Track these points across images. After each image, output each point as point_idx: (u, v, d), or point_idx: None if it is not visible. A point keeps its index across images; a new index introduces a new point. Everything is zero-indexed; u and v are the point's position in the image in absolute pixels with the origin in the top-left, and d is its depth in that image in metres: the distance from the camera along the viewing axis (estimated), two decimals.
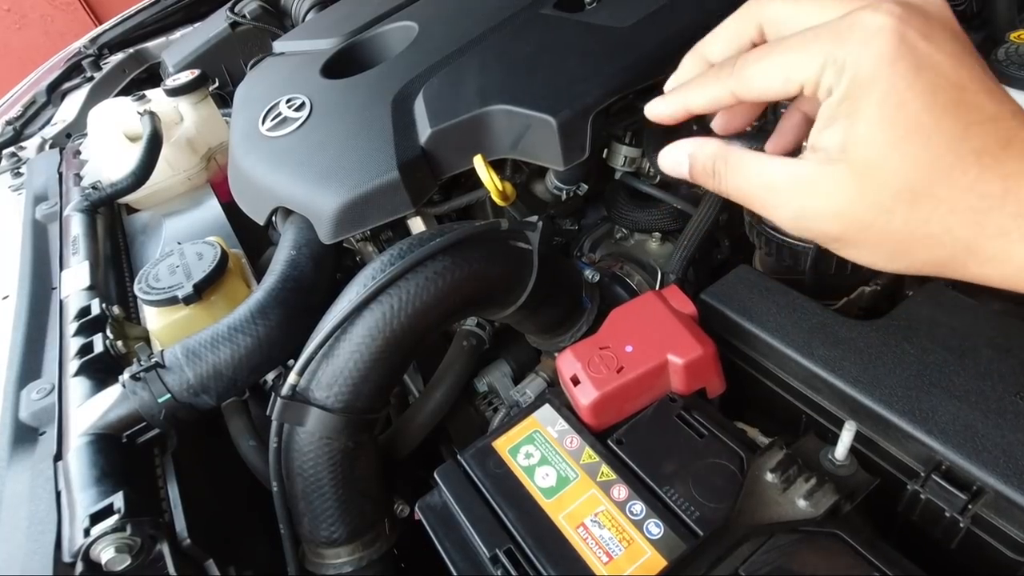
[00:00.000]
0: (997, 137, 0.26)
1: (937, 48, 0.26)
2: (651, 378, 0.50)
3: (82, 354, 0.63)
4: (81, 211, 0.88)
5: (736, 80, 0.31)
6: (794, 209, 0.31)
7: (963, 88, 0.26)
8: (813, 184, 0.30)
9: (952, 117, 0.26)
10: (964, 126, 0.26)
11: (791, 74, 0.29)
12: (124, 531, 0.45)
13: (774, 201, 0.31)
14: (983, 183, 0.26)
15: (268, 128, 0.79)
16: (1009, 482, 0.39)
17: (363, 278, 0.55)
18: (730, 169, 0.33)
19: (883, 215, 0.28)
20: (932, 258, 0.28)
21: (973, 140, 0.26)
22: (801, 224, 0.31)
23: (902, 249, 0.29)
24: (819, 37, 0.28)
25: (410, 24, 0.87)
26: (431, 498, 0.51)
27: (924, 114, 0.26)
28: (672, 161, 0.36)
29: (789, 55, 0.29)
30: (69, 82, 1.47)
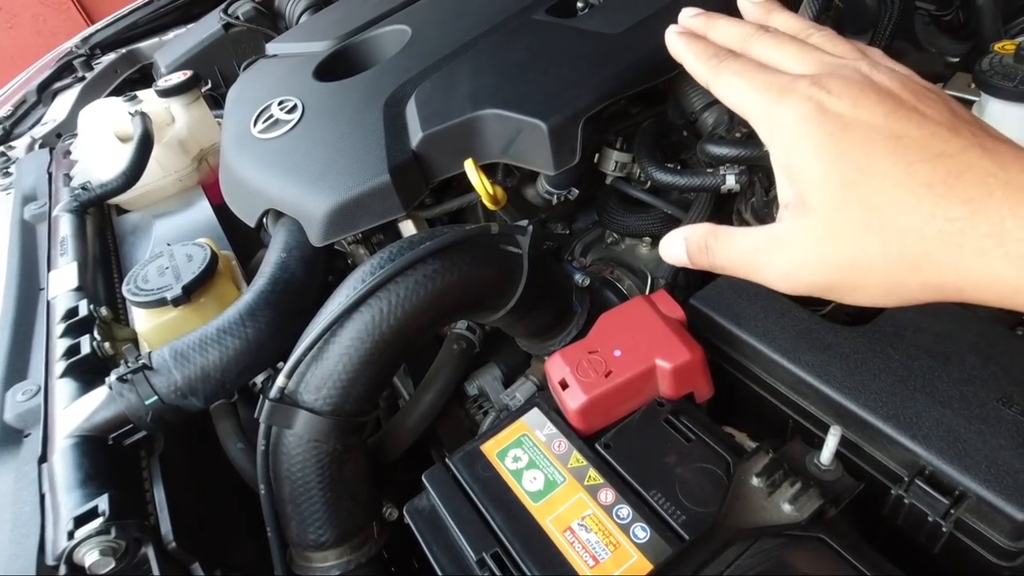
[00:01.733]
0: (947, 170, 0.27)
1: (863, 110, 0.29)
2: (639, 382, 0.50)
3: (69, 355, 0.63)
4: (70, 211, 0.88)
5: (713, 76, 0.35)
6: (780, 268, 0.32)
7: (898, 137, 0.28)
8: (789, 240, 0.31)
9: (891, 159, 0.28)
10: (906, 164, 0.28)
11: (742, 105, 0.33)
12: (109, 534, 0.45)
13: (761, 263, 0.33)
14: (944, 209, 0.27)
15: (260, 130, 0.79)
16: (990, 487, 0.39)
17: (353, 281, 0.55)
18: (720, 243, 0.35)
19: (860, 253, 0.29)
20: (926, 285, 0.28)
21: (920, 175, 0.27)
22: (791, 281, 0.32)
23: (894, 282, 0.29)
24: (764, 93, 0.32)
25: (403, 28, 0.88)
26: (419, 501, 0.51)
27: (861, 160, 0.28)
28: (670, 247, 0.38)
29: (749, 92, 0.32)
30: (60, 82, 1.46)
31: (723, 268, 0.35)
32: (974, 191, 0.26)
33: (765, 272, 0.33)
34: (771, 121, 0.31)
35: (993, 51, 0.53)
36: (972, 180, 0.27)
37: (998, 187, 0.26)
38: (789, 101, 0.30)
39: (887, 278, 0.29)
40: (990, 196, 0.26)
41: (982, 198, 0.26)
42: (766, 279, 0.33)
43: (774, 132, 0.31)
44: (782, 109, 0.31)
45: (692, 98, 0.72)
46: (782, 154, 0.31)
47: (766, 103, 0.31)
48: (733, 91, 0.33)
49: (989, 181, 0.26)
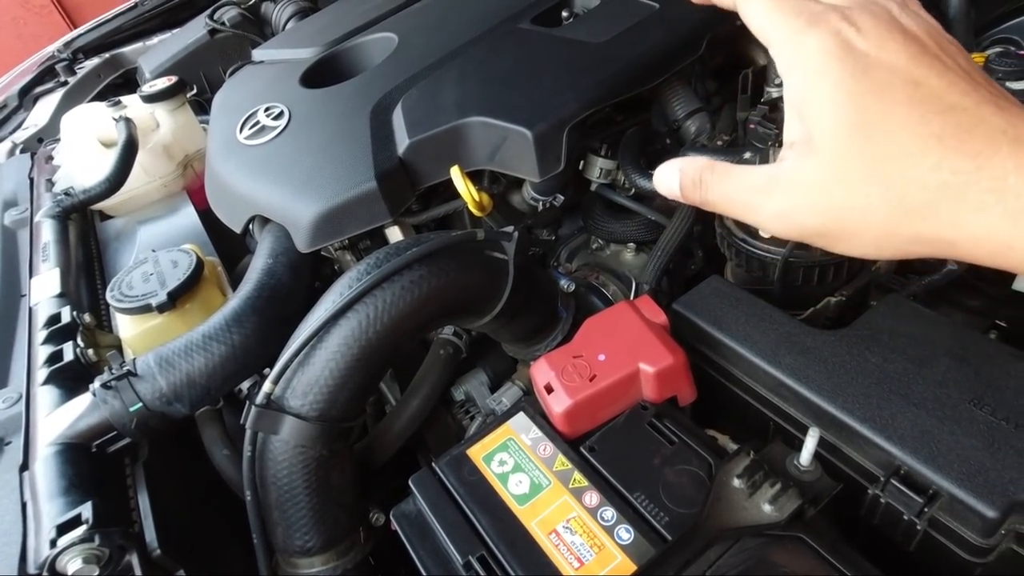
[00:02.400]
0: (959, 123, 0.27)
1: (888, 52, 0.29)
2: (623, 386, 0.51)
3: (51, 362, 0.62)
4: (52, 217, 0.87)
5: None
6: (775, 208, 0.32)
7: (918, 83, 0.28)
8: (789, 181, 0.31)
9: (906, 107, 0.28)
10: (920, 114, 0.28)
11: (765, 29, 0.32)
12: (92, 541, 0.45)
13: (756, 203, 0.33)
14: (951, 161, 0.27)
15: (246, 136, 0.79)
16: (963, 485, 0.40)
17: (339, 287, 0.55)
18: (716, 178, 0.34)
19: (860, 199, 0.29)
20: (919, 238, 0.29)
21: (932, 126, 0.27)
22: (784, 223, 0.32)
23: (888, 232, 0.29)
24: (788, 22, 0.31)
25: (390, 36, 0.88)
26: (406, 506, 0.51)
27: (876, 104, 0.28)
28: (664, 177, 0.37)
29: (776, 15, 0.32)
30: (42, 86, 1.45)
31: (715, 205, 0.35)
32: (982, 146, 0.27)
33: (759, 212, 0.33)
34: (793, 50, 0.31)
35: None
36: (982, 135, 0.27)
37: (1006, 144, 0.26)
38: (815, 32, 0.30)
39: (882, 227, 0.29)
40: (997, 152, 0.26)
41: (990, 154, 0.26)
42: (759, 220, 0.33)
43: (793, 63, 0.31)
44: (807, 40, 0.30)
45: (675, 106, 0.73)
46: (798, 87, 0.31)
47: (792, 31, 0.31)
48: (759, 11, 0.32)
49: (999, 138, 0.26)
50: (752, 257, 0.63)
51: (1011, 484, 0.40)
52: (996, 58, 0.52)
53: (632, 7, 0.74)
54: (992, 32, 0.80)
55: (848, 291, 0.63)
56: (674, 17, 0.71)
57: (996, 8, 0.79)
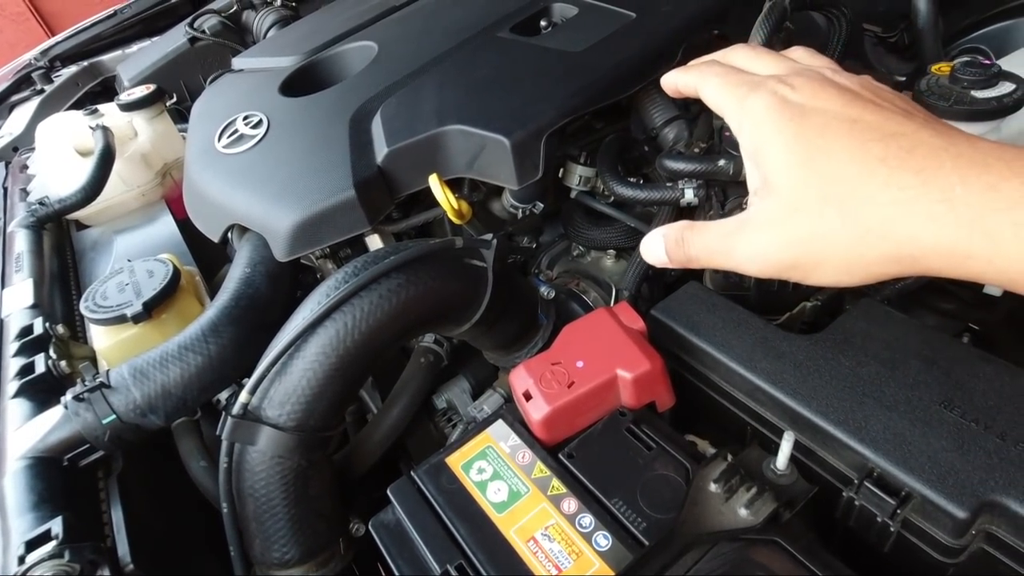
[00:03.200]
0: (899, 146, 0.29)
1: (822, 101, 0.32)
2: (601, 392, 0.51)
3: (22, 375, 0.61)
4: (26, 227, 0.86)
5: (700, 80, 0.39)
6: (747, 250, 0.34)
7: (854, 120, 0.31)
8: (755, 222, 0.34)
9: (847, 138, 0.31)
10: (861, 143, 0.30)
11: (718, 102, 0.37)
12: (62, 557, 0.44)
13: (730, 248, 0.35)
14: (896, 179, 0.29)
15: (224, 145, 0.79)
16: (934, 487, 0.41)
17: (317, 295, 0.55)
18: (695, 234, 0.37)
19: (820, 226, 0.31)
20: (884, 257, 0.30)
21: (873, 151, 0.30)
22: (757, 262, 0.34)
23: (854, 255, 0.31)
24: (735, 91, 0.36)
25: (369, 44, 0.88)
26: (385, 515, 0.51)
27: (818, 140, 0.31)
28: (650, 246, 0.40)
29: (724, 89, 0.37)
30: (18, 94, 1.43)
31: (697, 258, 0.38)
32: (925, 163, 0.28)
33: (734, 256, 0.35)
34: (741, 113, 0.35)
35: (931, 72, 0.56)
36: (923, 154, 0.29)
37: (948, 159, 0.28)
38: (756, 95, 0.34)
39: (847, 251, 0.31)
40: (941, 167, 0.28)
41: (933, 169, 0.28)
42: (736, 263, 0.35)
43: (743, 122, 0.35)
44: (750, 102, 0.34)
45: (653, 114, 0.74)
46: (749, 141, 0.34)
47: (737, 98, 0.35)
48: (713, 91, 0.37)
49: (940, 155, 0.28)
50: None
51: (981, 485, 0.41)
52: (961, 67, 0.53)
53: (609, 17, 0.75)
54: (960, 42, 0.82)
55: (823, 296, 0.64)
56: (651, 26, 0.72)
57: (964, 19, 0.81)
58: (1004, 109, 0.51)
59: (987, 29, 0.81)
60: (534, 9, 0.83)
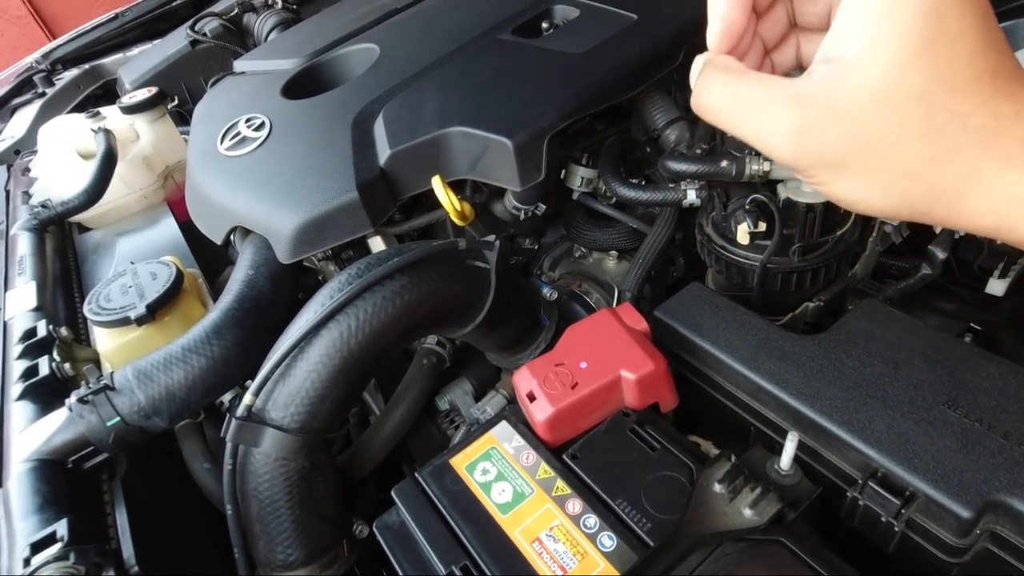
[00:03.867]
0: (1010, 66, 0.26)
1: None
2: (605, 393, 0.51)
3: (26, 377, 0.61)
4: (29, 230, 0.86)
5: None
6: (795, 122, 0.28)
7: (986, 12, 0.26)
8: (823, 94, 0.28)
9: (977, 34, 0.26)
10: (985, 45, 0.26)
11: None
12: (67, 559, 0.44)
13: (770, 115, 0.29)
14: (996, 103, 0.26)
15: (227, 147, 0.79)
16: (937, 487, 0.41)
17: (321, 297, 0.55)
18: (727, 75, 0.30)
19: (897, 128, 0.27)
20: (931, 188, 0.27)
21: (990, 60, 0.26)
22: (802, 139, 0.28)
23: (903, 174, 0.27)
24: None
25: (371, 47, 0.89)
26: (389, 517, 0.51)
27: (954, 23, 0.26)
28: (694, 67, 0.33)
29: None
30: (19, 98, 1.44)
31: (713, 107, 0.30)
32: (1013, 107, 0.26)
33: (770, 126, 0.29)
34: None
35: None
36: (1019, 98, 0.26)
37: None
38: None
39: (905, 164, 0.27)
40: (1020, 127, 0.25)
41: (1011, 121, 0.25)
42: (769, 135, 0.29)
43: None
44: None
45: (655, 115, 0.74)
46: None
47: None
48: None
49: None
50: (732, 264, 0.64)
51: (985, 484, 0.41)
52: None
53: (611, 18, 0.76)
54: None
55: (826, 296, 0.64)
56: (652, 28, 0.73)
57: None
58: None
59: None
60: (535, 11, 0.84)
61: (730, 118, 0.30)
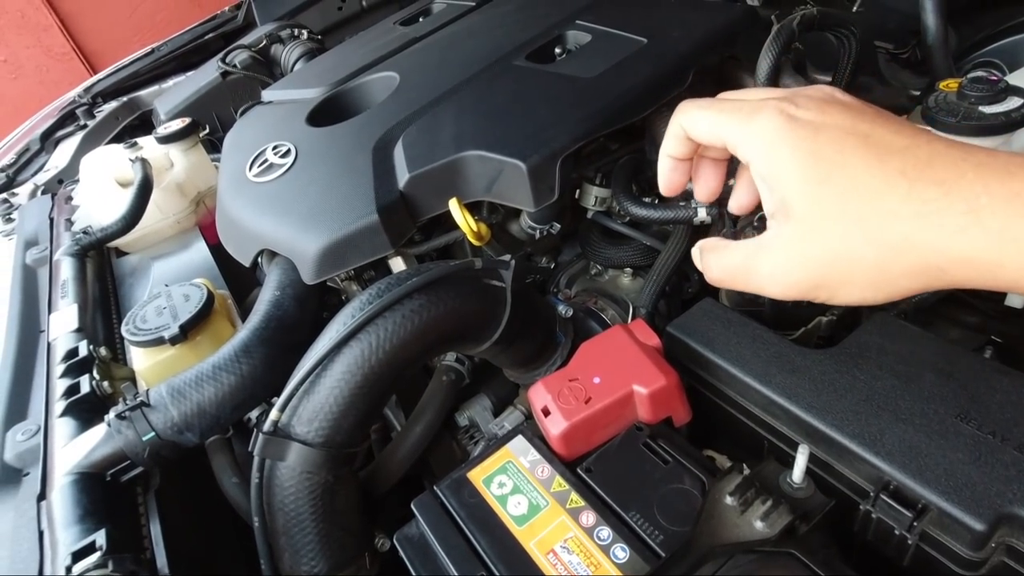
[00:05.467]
0: (916, 158, 0.29)
1: (831, 116, 0.32)
2: (618, 408, 0.52)
3: (69, 395, 0.64)
4: (71, 255, 0.90)
5: (685, 118, 0.37)
6: (768, 272, 0.34)
7: (866, 135, 0.31)
8: (775, 245, 0.33)
9: (863, 152, 0.30)
10: (877, 156, 0.30)
11: (716, 131, 0.36)
12: (106, 567, 0.46)
13: (752, 271, 0.35)
14: (918, 191, 0.28)
15: (255, 174, 0.83)
16: (950, 499, 0.41)
17: (343, 316, 0.57)
18: (714, 256, 0.37)
19: (842, 243, 0.30)
20: (910, 271, 0.29)
21: (891, 164, 0.29)
22: (780, 283, 0.34)
23: (879, 271, 0.30)
24: (734, 116, 0.35)
25: (392, 75, 0.92)
26: (408, 529, 0.52)
27: (834, 155, 0.30)
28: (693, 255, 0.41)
29: (720, 119, 0.36)
30: (63, 130, 1.51)
31: (719, 280, 0.37)
32: (945, 174, 0.28)
33: (756, 278, 0.35)
34: (747, 137, 0.34)
35: (939, 88, 0.57)
36: (942, 165, 0.28)
37: (969, 169, 0.27)
38: (760, 116, 0.33)
39: (871, 267, 0.30)
40: (962, 177, 0.27)
41: (954, 179, 0.28)
42: (758, 285, 0.35)
43: (749, 148, 0.34)
44: (754, 126, 0.33)
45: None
46: (760, 166, 0.33)
47: (738, 123, 0.34)
48: (705, 122, 0.36)
49: (960, 165, 0.28)
50: None
51: (998, 497, 0.41)
52: (969, 83, 0.54)
53: (621, 43, 0.78)
54: (972, 56, 0.83)
55: (838, 310, 0.64)
56: (662, 51, 0.74)
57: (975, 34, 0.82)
58: (1012, 124, 0.52)
59: (998, 44, 0.81)
60: (549, 37, 0.86)
61: (733, 282, 0.37)
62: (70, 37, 3.35)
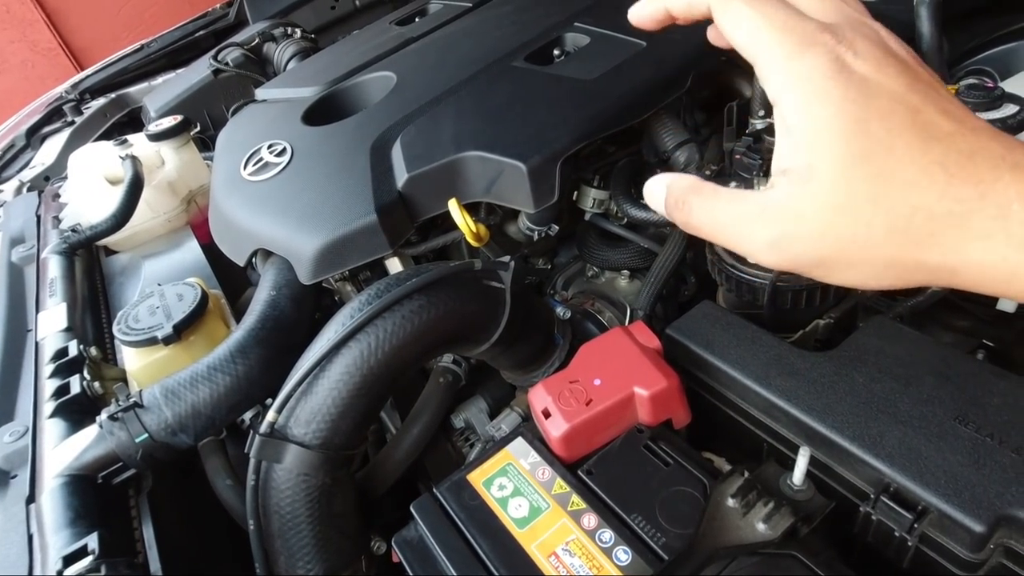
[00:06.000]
0: (959, 150, 0.27)
1: (887, 78, 0.28)
2: (619, 410, 0.52)
3: (58, 395, 0.63)
4: (59, 253, 0.89)
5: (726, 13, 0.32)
6: (768, 236, 0.30)
7: (917, 110, 0.28)
8: (783, 208, 0.30)
9: (909, 133, 0.27)
10: (922, 140, 0.27)
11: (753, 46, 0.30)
12: (98, 572, 0.45)
13: (746, 232, 0.31)
14: (955, 188, 0.27)
15: (250, 172, 0.82)
16: (950, 501, 0.42)
17: (341, 317, 0.57)
18: (701, 200, 0.32)
19: (862, 228, 0.28)
20: (921, 266, 0.28)
21: (934, 153, 0.27)
22: (778, 252, 0.30)
23: (890, 261, 0.28)
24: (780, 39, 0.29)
25: (389, 74, 0.92)
26: (407, 532, 0.52)
27: (881, 132, 0.28)
28: (652, 192, 0.35)
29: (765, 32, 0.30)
30: (49, 126, 1.49)
31: (698, 229, 0.33)
32: (984, 173, 0.26)
33: (749, 241, 0.31)
34: (786, 73, 0.29)
35: None
36: (983, 162, 0.27)
37: (1007, 170, 0.26)
38: (811, 54, 0.28)
39: (883, 256, 0.28)
40: (999, 179, 0.26)
41: (992, 181, 0.26)
42: (750, 249, 0.31)
43: (787, 87, 0.29)
44: (803, 64, 0.29)
45: (664, 138, 0.76)
46: (793, 113, 0.29)
47: (784, 52, 0.29)
48: (744, 26, 0.30)
49: (999, 164, 0.26)
50: (742, 282, 0.65)
51: (997, 499, 0.41)
52: (965, 90, 0.55)
53: (621, 45, 0.78)
54: (965, 64, 0.84)
55: (836, 313, 0.65)
56: (661, 54, 0.75)
57: (969, 41, 0.83)
58: (1008, 131, 0.53)
59: (992, 51, 0.82)
60: (547, 39, 0.86)
61: (714, 235, 0.32)
62: (56, 32, 3.30)
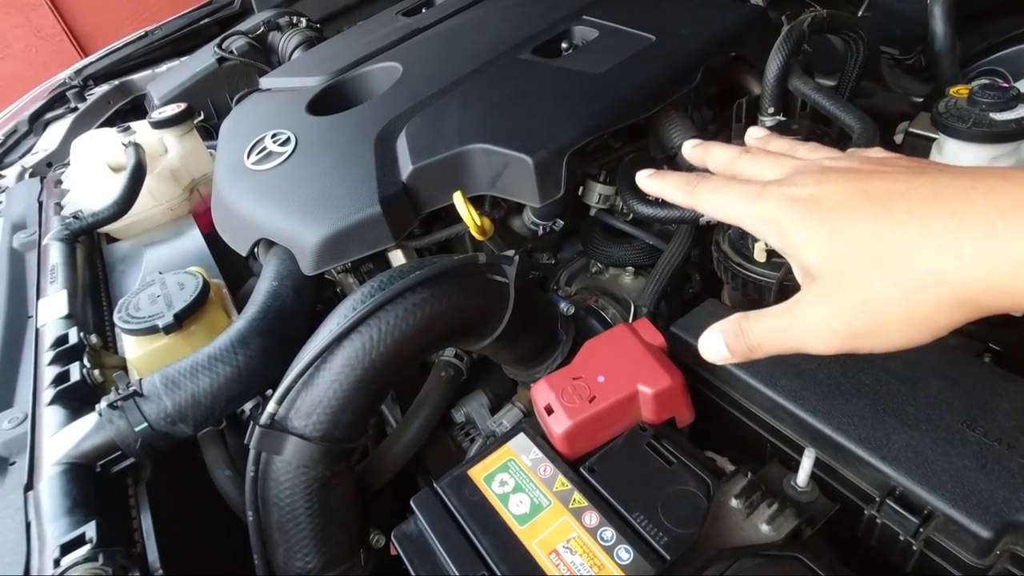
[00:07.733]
0: (922, 196, 0.29)
1: (829, 183, 0.33)
2: (622, 407, 0.51)
3: (58, 383, 0.63)
4: (60, 240, 0.88)
5: (693, 198, 0.39)
6: (806, 329, 0.34)
7: (865, 191, 0.31)
8: (806, 303, 0.34)
9: (865, 205, 0.31)
10: (881, 204, 0.30)
11: (729, 215, 0.38)
12: (96, 561, 0.45)
13: (790, 328, 0.35)
14: (930, 226, 0.28)
15: (253, 162, 0.81)
16: (956, 506, 0.41)
17: (343, 309, 0.56)
18: (753, 322, 0.37)
19: (869, 292, 0.30)
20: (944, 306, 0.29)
21: (897, 208, 0.29)
22: (819, 338, 0.34)
23: (912, 311, 0.30)
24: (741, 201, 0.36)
25: (394, 65, 0.91)
26: (407, 527, 0.51)
27: (840, 215, 0.32)
28: (710, 345, 0.39)
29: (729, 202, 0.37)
30: (52, 112, 1.48)
31: (760, 344, 0.37)
32: (955, 205, 0.28)
33: (795, 334, 0.34)
34: (756, 218, 0.35)
35: (949, 95, 0.57)
36: (950, 197, 0.28)
37: (979, 197, 0.27)
38: (764, 201, 0.35)
39: (904, 309, 0.30)
40: (974, 205, 0.27)
41: (966, 209, 0.27)
42: (798, 341, 0.35)
43: (762, 226, 0.35)
44: (761, 207, 0.35)
45: (672, 134, 0.75)
46: (776, 240, 0.35)
47: (747, 207, 0.36)
48: (716, 205, 0.38)
49: (969, 194, 0.27)
50: (748, 281, 0.64)
51: (1004, 504, 0.41)
52: (980, 90, 0.54)
53: (629, 39, 0.77)
54: (977, 64, 0.83)
55: None
56: (670, 49, 0.74)
57: (981, 42, 0.82)
58: (1023, 131, 0.52)
59: (1004, 52, 0.81)
60: (555, 32, 0.85)
61: (775, 344, 0.36)
62: (61, 18, 3.28)
